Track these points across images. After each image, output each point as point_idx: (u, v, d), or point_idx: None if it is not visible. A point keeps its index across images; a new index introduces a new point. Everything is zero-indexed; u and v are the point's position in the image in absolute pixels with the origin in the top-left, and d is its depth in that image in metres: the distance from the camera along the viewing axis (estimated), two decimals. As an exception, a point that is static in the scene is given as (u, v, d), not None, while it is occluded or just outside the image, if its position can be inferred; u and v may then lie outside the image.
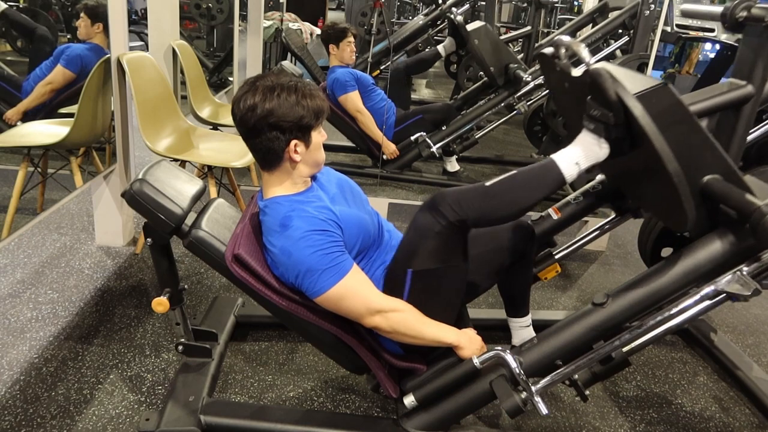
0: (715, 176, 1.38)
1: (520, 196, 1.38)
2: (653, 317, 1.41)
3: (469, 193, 1.37)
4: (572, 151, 1.39)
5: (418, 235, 1.39)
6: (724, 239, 1.40)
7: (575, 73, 1.37)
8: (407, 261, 1.41)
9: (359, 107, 3.31)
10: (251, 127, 1.34)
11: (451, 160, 3.83)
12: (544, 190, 1.38)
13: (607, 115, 1.29)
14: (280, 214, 1.36)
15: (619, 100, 1.26)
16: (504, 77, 3.55)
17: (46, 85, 2.07)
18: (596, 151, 1.36)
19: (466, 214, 1.34)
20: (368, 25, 4.90)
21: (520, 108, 3.65)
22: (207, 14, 4.43)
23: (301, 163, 1.39)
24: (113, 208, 2.48)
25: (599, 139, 1.35)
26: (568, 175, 1.37)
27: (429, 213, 1.37)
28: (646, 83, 1.31)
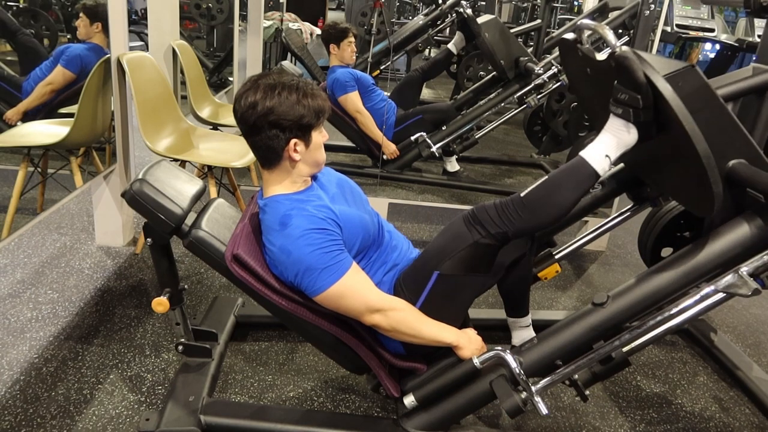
0: (741, 160, 1.37)
1: (556, 200, 1.38)
2: (653, 317, 1.41)
3: (509, 206, 1.39)
4: (600, 141, 1.37)
5: (454, 241, 1.41)
6: (752, 223, 1.38)
7: (600, 57, 1.36)
8: (436, 263, 1.43)
9: (359, 108, 3.31)
10: (252, 125, 1.34)
11: (451, 160, 3.83)
12: (580, 189, 1.38)
13: (636, 98, 1.26)
14: (279, 212, 1.36)
15: (648, 81, 1.24)
16: (514, 71, 3.53)
17: (47, 85, 2.07)
18: (625, 137, 1.34)
19: (507, 227, 1.37)
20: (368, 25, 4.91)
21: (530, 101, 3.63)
22: (207, 14, 4.43)
23: (300, 162, 1.39)
24: (113, 208, 2.48)
25: (627, 123, 1.33)
26: (599, 169, 1.36)
27: (470, 224, 1.40)
28: (673, 66, 1.30)
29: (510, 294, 1.75)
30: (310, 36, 5.31)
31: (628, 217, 1.88)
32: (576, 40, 1.49)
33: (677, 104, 1.22)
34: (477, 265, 1.43)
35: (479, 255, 1.41)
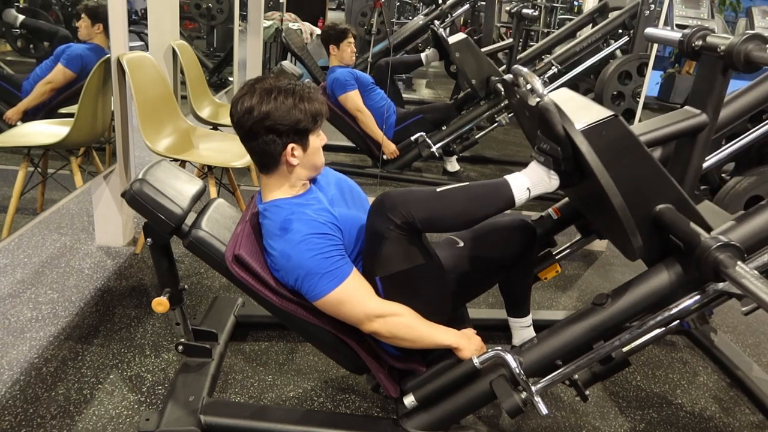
0: (667, 206, 1.39)
1: (468, 208, 1.37)
2: (653, 317, 1.41)
3: (418, 196, 1.35)
4: (527, 175, 1.39)
5: (374, 242, 1.37)
6: (672, 270, 1.40)
7: (531, 103, 1.39)
8: (372, 269, 1.40)
9: (359, 106, 3.31)
10: (248, 130, 1.34)
11: (451, 160, 3.84)
12: (493, 209, 1.38)
13: (556, 149, 1.31)
14: (280, 217, 1.36)
15: (567, 135, 1.28)
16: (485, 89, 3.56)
17: (47, 84, 2.07)
18: (546, 182, 1.37)
19: (413, 216, 1.32)
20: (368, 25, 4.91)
21: (501, 120, 3.67)
22: (207, 14, 4.44)
23: (299, 167, 1.39)
24: (113, 208, 2.48)
25: (549, 171, 1.36)
26: (518, 198, 1.37)
27: (378, 218, 1.34)
28: (597, 115, 1.32)
29: (510, 294, 1.75)
30: (310, 36, 5.32)
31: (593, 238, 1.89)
32: (513, 83, 1.51)
33: (592, 158, 1.26)
34: (409, 257, 1.38)
35: (403, 247, 1.36)
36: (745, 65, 1.34)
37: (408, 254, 1.38)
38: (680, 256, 1.39)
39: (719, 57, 1.38)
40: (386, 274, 1.38)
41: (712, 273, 1.25)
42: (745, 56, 1.33)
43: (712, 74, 1.42)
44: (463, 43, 3.47)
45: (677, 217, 1.36)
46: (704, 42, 1.42)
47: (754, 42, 1.33)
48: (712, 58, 1.40)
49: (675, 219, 1.36)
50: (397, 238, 1.34)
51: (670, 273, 1.40)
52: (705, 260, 1.26)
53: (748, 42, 1.32)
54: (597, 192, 1.30)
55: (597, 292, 1.92)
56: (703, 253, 1.26)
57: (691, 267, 1.34)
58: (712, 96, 1.43)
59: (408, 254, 1.38)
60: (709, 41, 1.41)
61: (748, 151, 2.60)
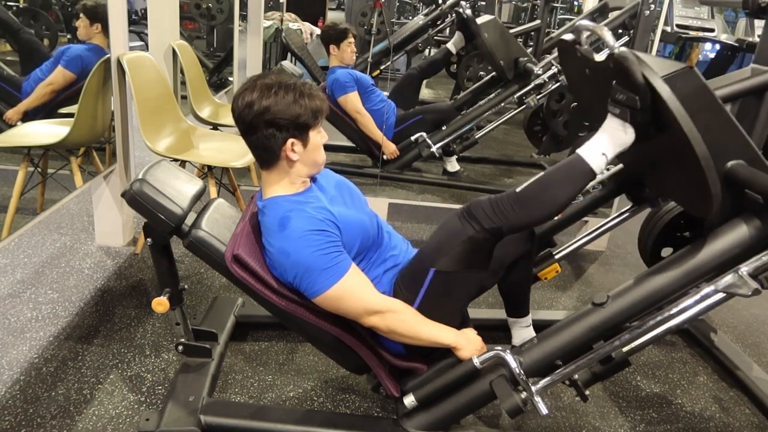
0: (739, 161, 1.37)
1: (551, 196, 1.37)
2: (653, 317, 1.41)
3: (503, 201, 1.38)
4: (597, 140, 1.37)
5: (450, 238, 1.40)
6: (751, 224, 1.38)
7: (598, 58, 1.36)
8: (432, 260, 1.42)
9: (358, 108, 3.31)
10: (248, 124, 1.34)
11: (451, 160, 3.83)
12: (575, 186, 1.38)
13: (634, 99, 1.26)
14: (278, 214, 1.36)
15: (646, 82, 1.24)
16: (513, 71, 3.53)
17: (47, 86, 2.07)
18: (622, 137, 1.34)
19: (501, 221, 1.36)
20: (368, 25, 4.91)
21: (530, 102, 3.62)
22: (207, 14, 4.43)
23: (299, 163, 1.39)
24: (113, 208, 2.48)
25: (625, 124, 1.32)
26: (595, 166, 1.35)
27: (465, 219, 1.39)
28: (671, 67, 1.30)
29: (510, 294, 1.75)
30: (310, 36, 5.32)
31: (627, 217, 1.87)
32: (574, 41, 1.49)
33: (675, 106, 1.22)
34: (473, 261, 1.42)
35: (475, 251, 1.40)
36: None
37: (474, 258, 1.42)
38: (759, 211, 1.37)
39: None
40: (444, 269, 1.41)
41: None
42: None
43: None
44: (491, 24, 3.43)
45: (754, 172, 1.34)
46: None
47: None
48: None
49: (752, 174, 1.33)
50: (475, 241, 1.38)
51: (749, 227, 1.38)
52: None
53: None
54: (672, 145, 1.26)
55: (597, 292, 1.92)
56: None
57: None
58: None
59: (474, 258, 1.42)
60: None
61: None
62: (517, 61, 3.51)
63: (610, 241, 3.10)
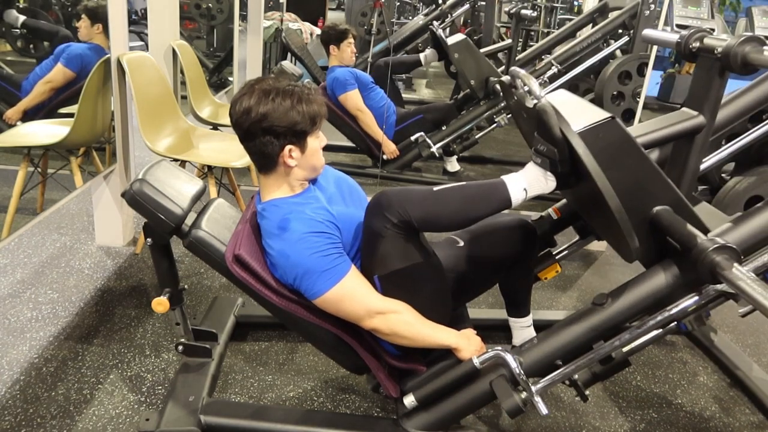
0: (665, 207, 1.39)
1: (465, 208, 1.37)
2: (652, 318, 1.41)
3: (415, 195, 1.35)
4: (524, 176, 1.39)
5: (372, 241, 1.37)
6: (669, 271, 1.40)
7: (528, 105, 1.39)
8: (371, 268, 1.40)
9: (359, 105, 3.31)
10: (245, 131, 1.34)
11: (452, 160, 3.84)
12: (489, 209, 1.38)
13: (553, 151, 1.31)
14: (277, 216, 1.36)
15: (563, 137, 1.27)
16: (484, 90, 3.56)
17: (46, 83, 2.07)
18: (542, 183, 1.38)
19: (410, 215, 1.32)
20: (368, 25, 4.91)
21: (500, 121, 3.67)
22: (207, 14, 4.44)
23: (296, 168, 1.39)
24: (113, 208, 2.48)
25: (545, 172, 1.36)
26: (514, 199, 1.37)
27: (375, 216, 1.35)
28: (594, 117, 1.32)
29: (511, 294, 1.75)
30: (310, 36, 5.32)
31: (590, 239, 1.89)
32: (511, 84, 1.51)
33: (589, 161, 1.26)
34: (408, 255, 1.38)
35: (401, 245, 1.37)
36: (742, 67, 1.34)
37: (405, 253, 1.38)
38: (677, 258, 1.39)
39: (716, 59, 1.37)
40: (384, 273, 1.38)
41: (709, 275, 1.26)
42: (742, 58, 1.33)
43: (710, 76, 1.42)
44: (462, 44, 3.48)
45: (674, 219, 1.37)
46: (701, 44, 1.42)
47: (751, 44, 1.32)
48: (710, 59, 1.40)
49: (672, 221, 1.36)
50: (394, 237, 1.34)
51: (667, 275, 1.40)
52: (702, 262, 1.26)
53: (746, 44, 1.32)
54: (594, 194, 1.30)
55: (597, 292, 1.92)
56: (699, 255, 1.26)
57: (688, 269, 1.34)
58: (709, 98, 1.43)
59: (405, 253, 1.38)
60: (707, 43, 1.40)
61: (748, 151, 2.60)
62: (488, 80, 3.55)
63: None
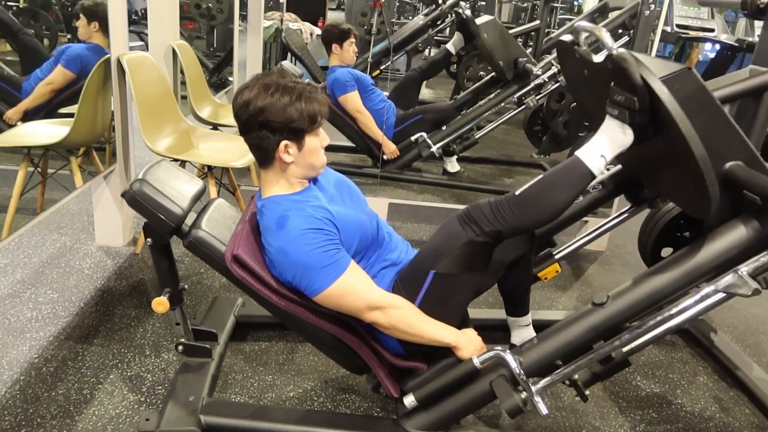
0: (737, 162, 1.37)
1: (551, 199, 1.38)
2: (653, 317, 1.41)
3: (503, 204, 1.38)
4: (596, 141, 1.37)
5: (450, 240, 1.41)
6: (749, 225, 1.38)
7: (597, 59, 1.36)
8: (433, 262, 1.43)
9: (359, 107, 3.31)
10: (243, 123, 1.35)
11: (452, 160, 3.83)
12: (574, 189, 1.38)
13: (632, 100, 1.26)
14: (276, 213, 1.36)
15: (645, 83, 1.24)
16: (513, 71, 3.53)
17: (47, 85, 2.07)
18: (621, 138, 1.34)
19: (501, 225, 1.37)
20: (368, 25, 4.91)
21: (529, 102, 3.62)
22: (207, 14, 4.43)
23: (293, 165, 1.39)
24: (113, 208, 2.48)
25: (623, 125, 1.33)
26: (595, 168, 1.36)
27: (465, 223, 1.40)
28: (670, 68, 1.30)
29: (510, 294, 1.75)
30: (310, 36, 5.31)
31: (627, 217, 1.88)
32: (573, 42, 1.49)
33: (674, 107, 1.22)
34: (473, 264, 1.43)
35: (475, 253, 1.41)
36: None
37: (473, 261, 1.43)
38: (756, 212, 1.37)
39: None
40: (444, 272, 1.42)
41: None
42: None
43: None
44: (491, 24, 3.44)
45: (752, 173, 1.34)
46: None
47: None
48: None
49: (750, 175, 1.33)
50: (475, 244, 1.39)
51: (747, 228, 1.37)
52: None
53: None
54: (671, 146, 1.27)
55: (597, 292, 1.92)
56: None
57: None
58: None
59: (473, 261, 1.43)
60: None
61: None
62: (517, 61, 3.51)
63: (610, 241, 3.10)
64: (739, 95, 1.46)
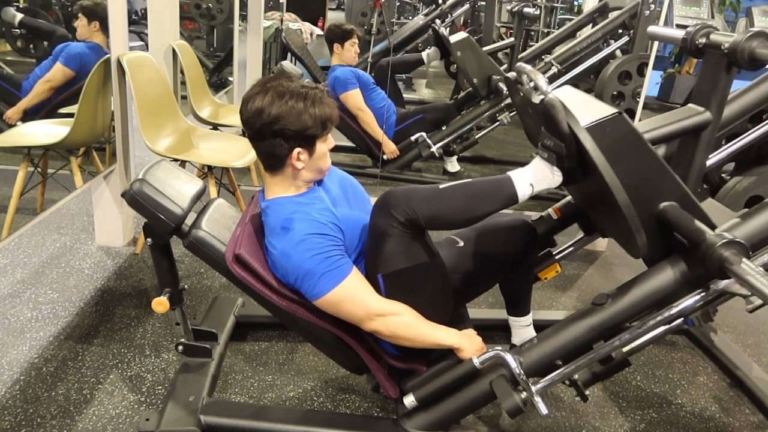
0: (671, 203, 1.39)
1: (471, 205, 1.37)
2: (653, 317, 1.41)
3: (420, 193, 1.35)
4: (529, 171, 1.39)
5: (377, 240, 1.37)
6: (676, 267, 1.40)
7: (534, 100, 1.38)
8: (375, 267, 1.40)
9: (360, 105, 3.31)
10: (256, 131, 1.34)
11: (452, 160, 3.83)
12: (496, 205, 1.38)
13: (560, 146, 1.31)
14: (281, 215, 1.36)
15: (571, 132, 1.28)
16: (487, 88, 3.56)
17: (46, 82, 2.07)
18: (549, 179, 1.37)
19: (416, 213, 1.32)
20: (368, 25, 4.91)
21: (503, 119, 3.67)
22: (207, 14, 4.43)
23: (303, 170, 1.39)
24: (113, 208, 2.48)
25: (552, 167, 1.36)
26: (521, 194, 1.37)
27: (381, 215, 1.35)
28: (601, 112, 1.32)
29: (511, 293, 1.75)
30: (310, 36, 5.31)
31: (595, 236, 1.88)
32: (516, 81, 1.51)
33: (597, 155, 1.26)
34: (412, 255, 1.39)
35: (406, 244, 1.37)
36: (749, 63, 1.33)
37: (410, 252, 1.38)
38: (684, 254, 1.39)
39: (723, 54, 1.37)
40: (388, 272, 1.38)
41: (717, 270, 1.25)
42: (750, 54, 1.32)
43: (716, 72, 1.41)
44: (465, 42, 3.47)
45: (682, 214, 1.36)
46: (708, 39, 1.42)
47: (758, 39, 1.32)
48: (716, 55, 1.40)
49: (679, 216, 1.36)
50: (399, 236, 1.34)
51: (674, 270, 1.40)
52: (710, 257, 1.25)
53: (752, 39, 1.32)
54: (601, 189, 1.30)
55: (597, 292, 1.92)
56: (708, 250, 1.26)
57: (696, 264, 1.34)
58: (716, 94, 1.43)
59: (410, 252, 1.38)
60: (713, 39, 1.40)
61: (748, 151, 2.60)
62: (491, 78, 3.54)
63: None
64: (675, 135, 1.49)
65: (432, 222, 1.36)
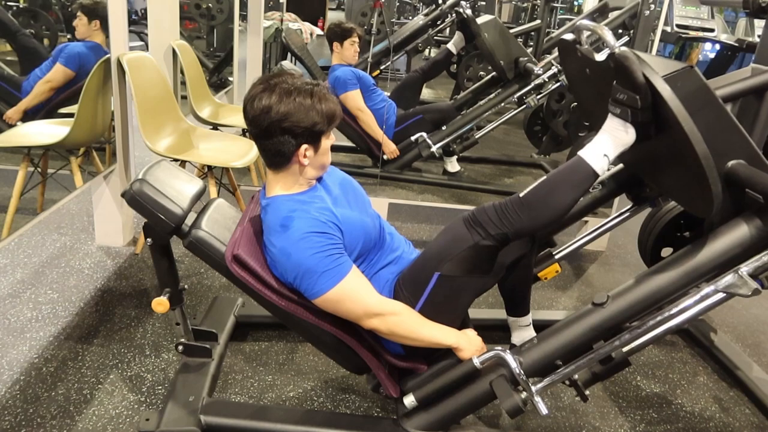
0: (739, 161, 1.37)
1: (555, 200, 1.37)
2: (653, 317, 1.41)
3: (508, 207, 1.38)
4: (599, 141, 1.37)
5: (454, 243, 1.41)
6: (751, 224, 1.37)
7: (599, 58, 1.36)
8: (437, 264, 1.42)
9: (360, 105, 3.31)
10: (264, 129, 1.33)
11: (452, 160, 3.83)
12: (578, 189, 1.38)
13: (634, 98, 1.26)
14: (281, 213, 1.36)
15: (647, 82, 1.24)
16: (514, 71, 3.54)
17: (46, 83, 2.07)
18: (623, 137, 1.34)
19: (507, 228, 1.37)
20: (368, 25, 4.90)
21: (530, 102, 3.63)
22: (207, 14, 4.43)
23: (308, 167, 1.39)
24: (113, 208, 2.48)
25: (625, 123, 1.32)
26: (598, 168, 1.36)
27: (470, 226, 1.40)
28: (672, 66, 1.30)
29: (510, 294, 1.75)
30: (310, 36, 5.31)
31: (627, 217, 1.88)
32: (575, 41, 1.49)
33: (676, 105, 1.22)
34: (477, 267, 1.43)
35: (480, 256, 1.41)
36: None
37: (478, 264, 1.43)
38: (759, 210, 1.37)
39: None
40: (449, 274, 1.41)
41: None
42: None
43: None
44: (491, 24, 3.44)
45: (754, 171, 1.34)
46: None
47: None
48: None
49: (752, 173, 1.33)
50: (480, 247, 1.39)
51: (749, 227, 1.37)
52: None
53: None
54: (673, 144, 1.27)
55: (597, 292, 1.92)
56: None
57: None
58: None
59: (478, 264, 1.43)
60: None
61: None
62: (517, 60, 3.51)
63: (610, 241, 3.10)
64: (740, 94, 1.46)
65: (522, 233, 1.40)
